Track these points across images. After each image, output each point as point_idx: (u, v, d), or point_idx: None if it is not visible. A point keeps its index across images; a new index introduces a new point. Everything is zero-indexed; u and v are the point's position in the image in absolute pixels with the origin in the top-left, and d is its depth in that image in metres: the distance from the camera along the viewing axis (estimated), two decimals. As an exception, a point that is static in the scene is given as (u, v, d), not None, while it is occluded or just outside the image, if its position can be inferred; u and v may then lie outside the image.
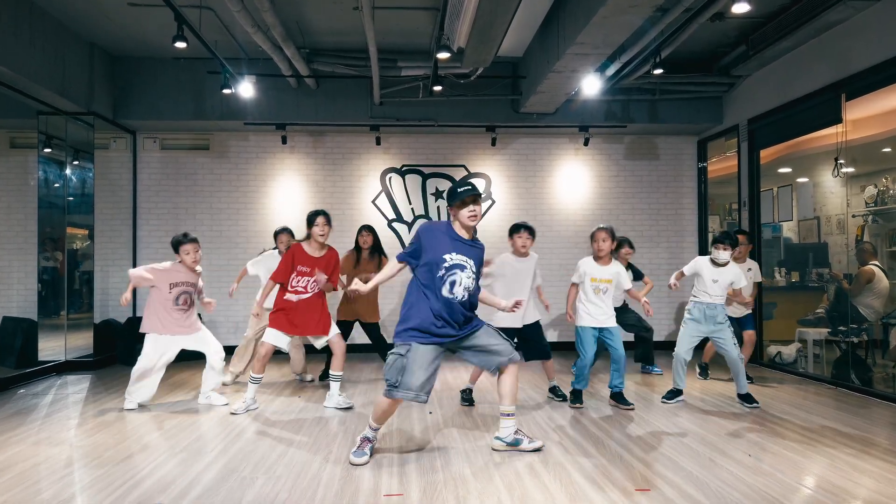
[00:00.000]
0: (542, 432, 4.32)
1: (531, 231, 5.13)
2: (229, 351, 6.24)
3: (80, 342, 7.13)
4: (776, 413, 4.88)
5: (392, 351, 3.69)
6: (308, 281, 4.83)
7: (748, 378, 6.02)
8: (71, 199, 7.23)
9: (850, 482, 3.35)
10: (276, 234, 6.07)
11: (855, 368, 5.98)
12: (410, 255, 3.77)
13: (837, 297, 6.56)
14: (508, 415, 3.90)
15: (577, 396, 5.14)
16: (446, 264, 3.67)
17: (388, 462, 3.68)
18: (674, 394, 5.28)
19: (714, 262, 5.15)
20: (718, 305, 5.13)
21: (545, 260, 6.42)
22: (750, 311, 6.03)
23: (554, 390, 5.41)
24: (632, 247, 6.58)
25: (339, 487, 3.26)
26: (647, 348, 6.70)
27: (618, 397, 5.11)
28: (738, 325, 6.21)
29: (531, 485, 3.30)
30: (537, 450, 3.87)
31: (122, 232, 8.02)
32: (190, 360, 7.52)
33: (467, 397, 5.27)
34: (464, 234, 3.78)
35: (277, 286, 4.94)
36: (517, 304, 4.09)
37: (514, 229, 5.14)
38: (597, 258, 5.05)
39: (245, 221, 8.27)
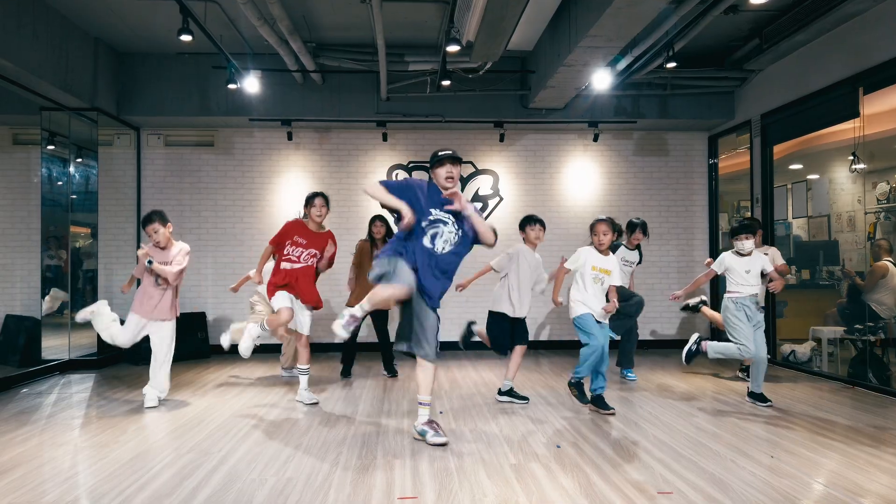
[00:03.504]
0: (557, 433, 4.23)
1: (542, 224, 5.28)
2: (219, 351, 6.19)
3: (84, 341, 7.05)
4: (793, 412, 4.78)
5: (380, 257, 3.84)
6: (301, 252, 5.04)
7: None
8: (74, 196, 7.15)
9: (868, 479, 3.27)
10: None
11: (871, 367, 5.88)
12: (396, 188, 3.85)
13: (851, 295, 6.46)
14: (422, 404, 3.99)
15: (580, 389, 4.88)
16: (431, 217, 3.82)
17: (401, 463, 3.58)
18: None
19: (739, 254, 5.05)
20: (756, 298, 4.98)
21: (554, 257, 6.33)
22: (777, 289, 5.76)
23: (510, 392, 5.20)
24: (645, 233, 6.22)
25: (350, 489, 3.17)
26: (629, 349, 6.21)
27: (598, 401, 4.81)
28: None
29: (549, 487, 3.20)
30: (441, 444, 3.86)
31: (125, 229, 7.93)
32: (194, 359, 7.48)
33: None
34: None
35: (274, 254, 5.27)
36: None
37: (527, 221, 5.27)
38: (599, 251, 4.93)
39: (250, 218, 8.18)
